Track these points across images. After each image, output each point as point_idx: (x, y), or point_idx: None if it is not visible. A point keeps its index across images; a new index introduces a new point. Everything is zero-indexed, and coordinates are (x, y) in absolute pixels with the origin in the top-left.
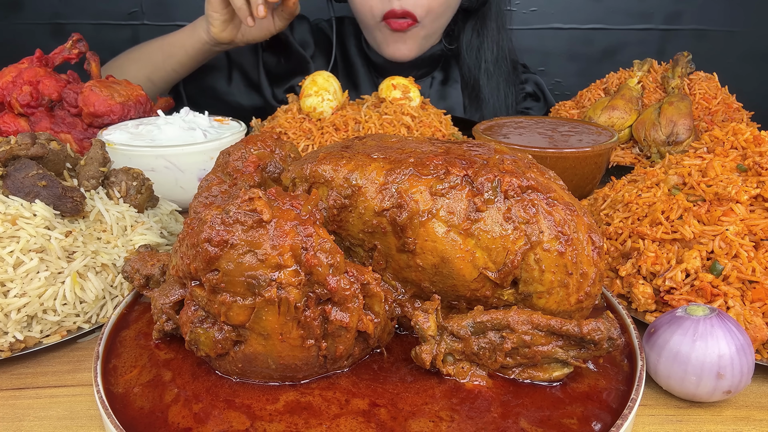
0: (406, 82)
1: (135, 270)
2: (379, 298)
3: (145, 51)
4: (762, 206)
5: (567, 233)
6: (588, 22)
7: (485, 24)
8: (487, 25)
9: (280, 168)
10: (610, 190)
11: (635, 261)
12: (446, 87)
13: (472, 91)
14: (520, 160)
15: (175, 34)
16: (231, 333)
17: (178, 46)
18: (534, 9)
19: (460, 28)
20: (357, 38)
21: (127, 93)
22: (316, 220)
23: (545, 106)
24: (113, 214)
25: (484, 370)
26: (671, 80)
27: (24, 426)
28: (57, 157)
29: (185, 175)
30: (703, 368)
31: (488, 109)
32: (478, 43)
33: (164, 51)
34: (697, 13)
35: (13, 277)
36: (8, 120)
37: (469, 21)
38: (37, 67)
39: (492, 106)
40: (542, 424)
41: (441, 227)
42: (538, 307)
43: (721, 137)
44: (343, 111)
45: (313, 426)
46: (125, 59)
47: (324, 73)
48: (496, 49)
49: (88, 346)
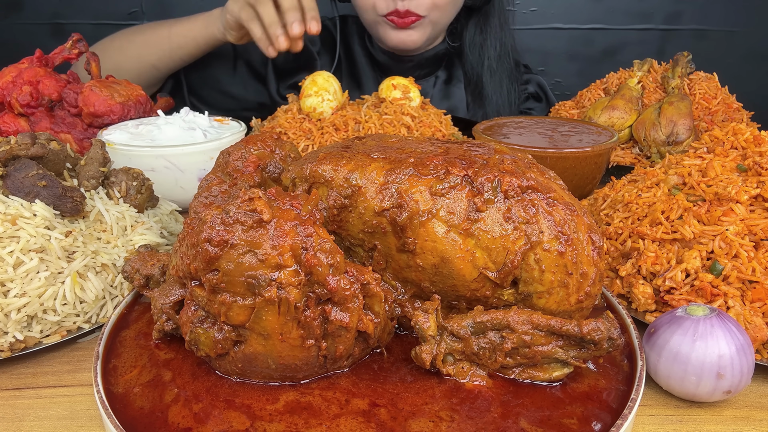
0: (406, 82)
1: (135, 270)
2: (379, 298)
3: (151, 37)
4: (762, 206)
5: (567, 233)
6: (588, 22)
7: (488, 21)
8: (489, 22)
9: (280, 168)
10: (610, 190)
11: (635, 261)
12: (450, 86)
13: (475, 88)
14: (520, 160)
15: (185, 24)
16: (231, 333)
17: (189, 38)
18: (534, 9)
19: (463, 26)
20: (361, 37)
21: (127, 93)
22: (316, 220)
23: (547, 106)
24: (113, 214)
25: (484, 370)
26: (671, 80)
27: (24, 426)
28: (57, 157)
29: (185, 175)
30: (703, 368)
31: (491, 106)
32: (480, 40)
33: (173, 41)
34: (697, 13)
35: (13, 277)
36: (8, 120)
37: (472, 18)
38: (37, 67)
39: (495, 103)
40: (542, 424)
41: (441, 227)
42: (538, 307)
43: (721, 137)
44: (343, 111)
45: (313, 426)
46: (125, 41)
47: (324, 73)
48: (499, 46)
49: (88, 346)
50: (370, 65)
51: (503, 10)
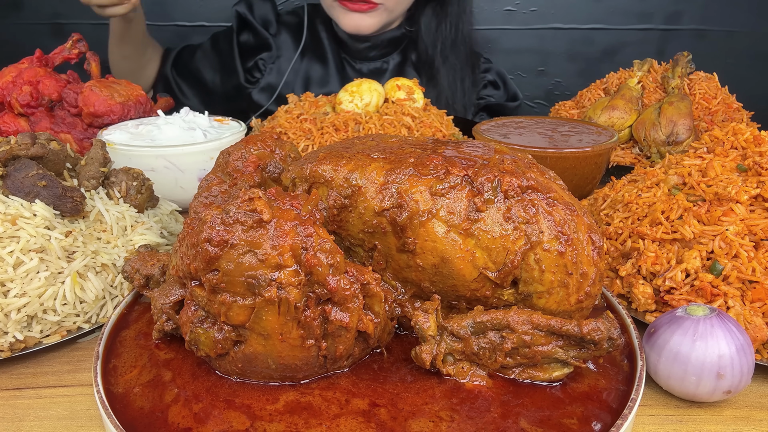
0: (410, 83)
1: (135, 270)
2: (379, 298)
3: None
4: (762, 206)
5: (567, 233)
6: (588, 22)
7: (444, 7)
8: (447, 8)
9: (280, 168)
10: (610, 190)
11: (635, 261)
12: (402, 70)
13: (429, 70)
14: (520, 160)
15: None
16: (231, 333)
17: None
18: (534, 9)
19: (421, 12)
20: (326, 20)
21: (127, 93)
22: (316, 220)
23: (505, 94)
24: (113, 214)
25: (484, 370)
26: (671, 80)
27: (24, 426)
28: (57, 157)
29: (185, 175)
30: (703, 368)
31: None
32: (436, 23)
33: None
34: (697, 13)
35: (13, 277)
36: (8, 120)
37: (430, 3)
38: (37, 67)
39: (448, 87)
40: (542, 424)
41: (441, 227)
42: (538, 307)
43: (721, 137)
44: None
45: (313, 426)
46: None
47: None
48: (454, 31)
49: (88, 346)
50: (333, 43)
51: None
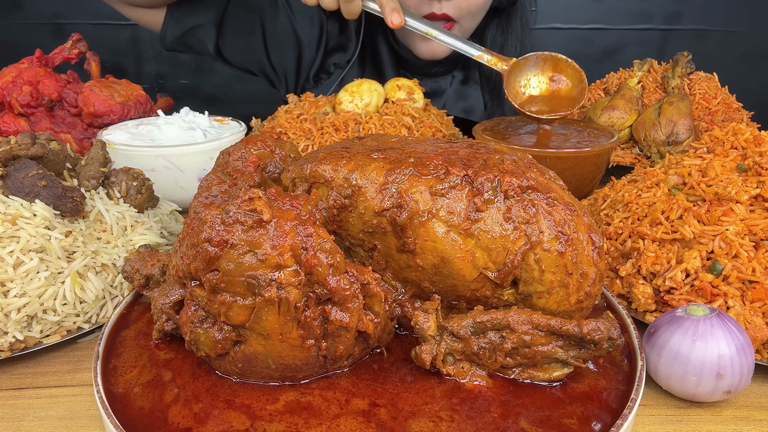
0: (410, 83)
1: (135, 270)
2: (379, 298)
3: None
4: (762, 206)
5: (567, 233)
6: (588, 22)
7: (510, 22)
8: (512, 23)
9: (280, 168)
10: (610, 190)
11: (635, 261)
12: (466, 87)
13: (494, 87)
14: (520, 160)
15: None
16: (231, 333)
17: None
18: (534, 9)
19: (485, 27)
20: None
21: (127, 93)
22: (316, 220)
23: None
24: (113, 214)
25: (484, 370)
26: (671, 80)
27: (24, 426)
28: (57, 157)
29: (185, 175)
30: (703, 368)
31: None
32: (501, 40)
33: None
34: (697, 13)
35: (13, 277)
36: (8, 120)
37: (495, 19)
38: (37, 67)
39: None
40: (542, 424)
41: (441, 227)
42: (538, 307)
43: (721, 137)
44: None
45: (313, 426)
46: None
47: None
48: (519, 47)
49: (88, 346)
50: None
51: (526, 10)
